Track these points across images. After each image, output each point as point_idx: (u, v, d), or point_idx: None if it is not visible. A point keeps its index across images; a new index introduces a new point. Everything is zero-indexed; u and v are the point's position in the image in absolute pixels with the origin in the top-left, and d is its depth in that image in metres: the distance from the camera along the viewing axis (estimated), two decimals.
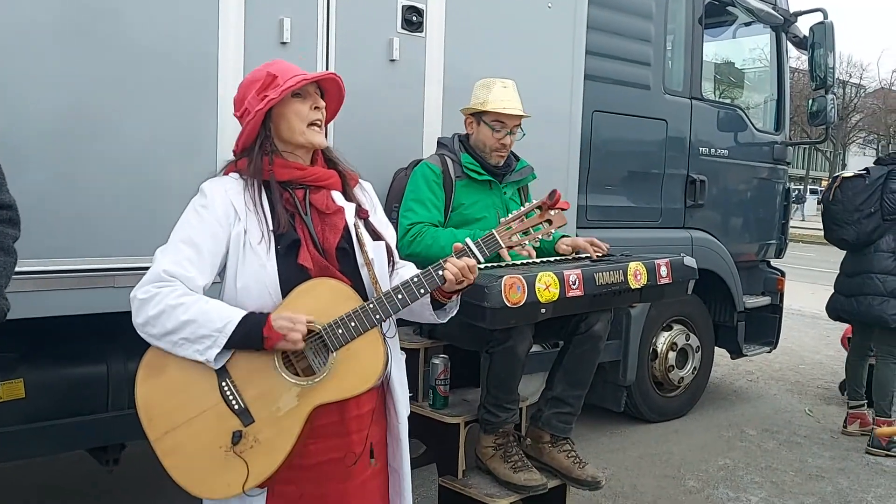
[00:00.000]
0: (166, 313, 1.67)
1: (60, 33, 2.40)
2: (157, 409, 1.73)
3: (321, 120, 1.87)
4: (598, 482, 2.81)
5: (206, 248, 1.75)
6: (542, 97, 3.57)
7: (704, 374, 5.24)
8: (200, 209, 1.79)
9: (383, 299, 1.76)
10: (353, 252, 1.86)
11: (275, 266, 1.76)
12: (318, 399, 1.72)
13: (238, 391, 1.72)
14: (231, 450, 1.70)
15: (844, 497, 3.89)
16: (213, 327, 1.67)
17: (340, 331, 1.72)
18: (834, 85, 5.27)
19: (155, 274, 1.72)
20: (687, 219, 4.94)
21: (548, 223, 1.84)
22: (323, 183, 1.88)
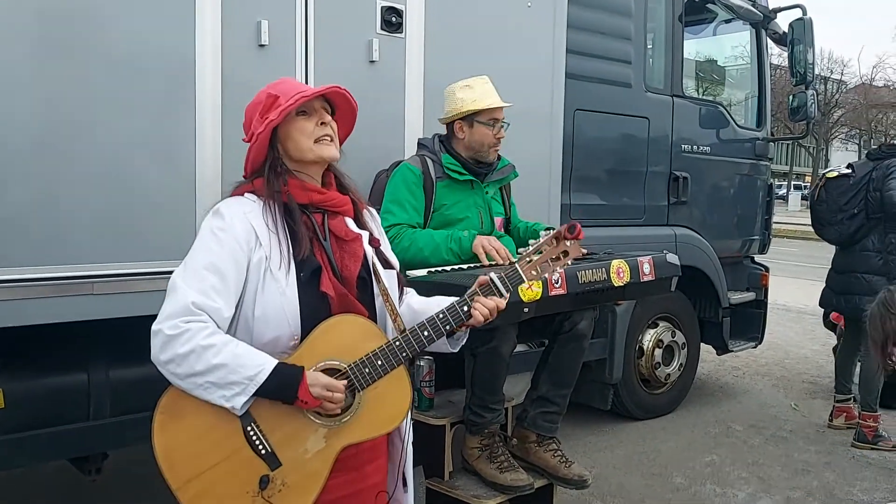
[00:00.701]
0: (196, 353, 1.59)
1: (34, 39, 2.37)
2: (179, 456, 1.66)
3: (330, 135, 1.80)
4: (584, 481, 2.80)
5: (231, 275, 1.67)
6: (523, 96, 3.55)
7: (691, 371, 5.26)
8: (219, 232, 1.69)
9: (409, 337, 1.72)
10: (370, 281, 1.82)
11: (296, 294, 1.70)
12: (347, 440, 1.70)
13: (264, 435, 1.66)
14: (259, 494, 1.66)
15: (830, 491, 3.91)
16: (244, 374, 1.60)
17: (367, 370, 1.68)
18: (814, 80, 5.32)
19: (183, 306, 1.61)
20: (670, 216, 4.96)
21: (564, 255, 1.84)
22: (340, 209, 1.84)
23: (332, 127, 1.82)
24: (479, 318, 1.78)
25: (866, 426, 4.57)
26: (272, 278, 1.69)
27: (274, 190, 1.75)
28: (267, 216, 1.73)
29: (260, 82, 2.75)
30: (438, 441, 2.84)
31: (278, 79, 1.89)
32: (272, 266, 1.69)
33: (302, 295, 1.70)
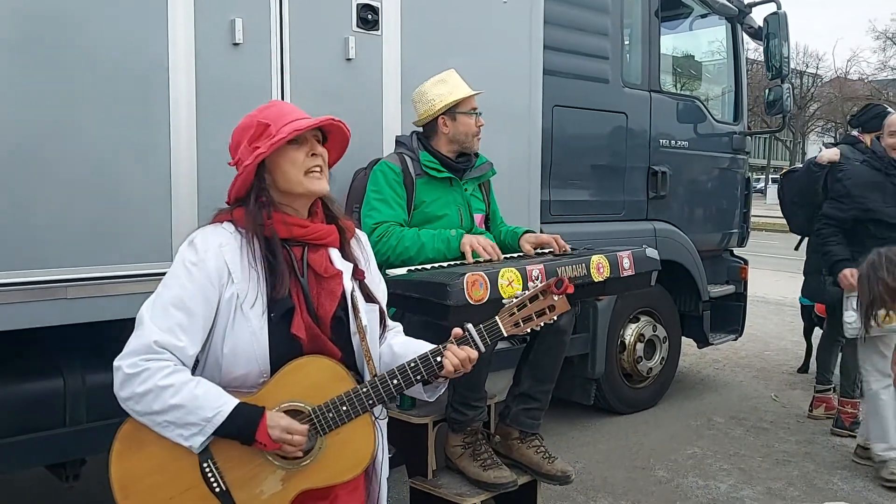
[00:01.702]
0: (153, 393, 1.58)
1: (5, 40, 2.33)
2: (135, 487, 1.65)
3: (320, 166, 1.74)
4: (568, 476, 2.80)
5: (199, 313, 1.64)
6: (501, 93, 3.55)
7: (672, 365, 5.29)
8: (192, 267, 1.66)
9: (378, 384, 1.69)
10: (347, 320, 1.76)
11: (265, 334, 1.66)
12: (304, 484, 1.68)
13: (220, 473, 1.64)
14: None
15: (811, 480, 3.95)
16: (201, 416, 1.59)
17: (331, 415, 1.66)
18: (789, 74, 5.35)
19: (145, 344, 1.60)
20: (650, 211, 4.97)
21: (550, 309, 1.79)
22: (324, 241, 1.78)
23: (324, 157, 1.76)
24: (449, 370, 1.72)
25: (845, 413, 4.62)
26: (242, 316, 1.66)
27: (256, 223, 1.69)
28: (246, 251, 1.68)
29: (234, 81, 2.77)
30: (421, 440, 2.83)
31: (270, 102, 1.83)
32: (244, 304, 1.65)
33: (272, 335, 1.67)
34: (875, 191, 4.03)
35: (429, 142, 3.01)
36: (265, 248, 1.68)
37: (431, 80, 2.99)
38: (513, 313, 1.77)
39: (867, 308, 3.03)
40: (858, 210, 4.05)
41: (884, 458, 3.91)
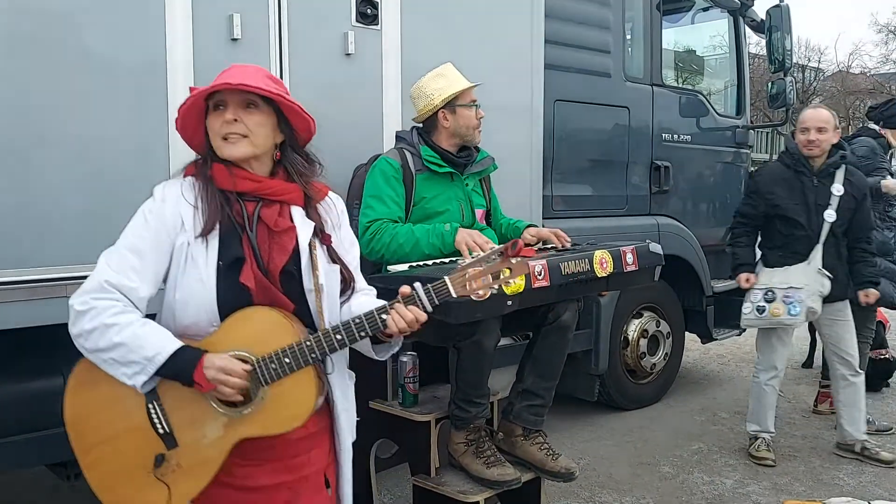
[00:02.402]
0: (99, 331, 1.63)
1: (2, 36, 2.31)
2: (85, 424, 1.71)
3: (236, 133, 1.72)
4: (571, 473, 2.78)
5: (151, 257, 1.70)
6: (502, 87, 3.53)
7: (676, 360, 5.27)
8: (149, 214, 1.73)
9: (321, 338, 1.68)
10: (299, 276, 1.77)
11: (214, 282, 1.69)
12: (244, 433, 1.68)
13: (164, 414, 1.68)
14: (153, 472, 1.68)
15: (817, 476, 3.93)
16: (143, 355, 1.62)
17: (274, 366, 1.66)
18: (792, 67, 5.32)
19: (97, 284, 1.66)
20: (653, 205, 4.95)
21: (508, 271, 1.69)
22: (279, 197, 1.78)
23: (247, 124, 1.73)
24: (393, 329, 1.69)
25: None
26: (193, 264, 1.70)
27: (204, 175, 1.76)
28: (200, 201, 1.73)
29: None
30: (423, 437, 2.81)
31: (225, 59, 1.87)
32: (193, 251, 1.70)
33: (220, 283, 1.70)
34: (783, 188, 3.97)
35: (429, 137, 2.99)
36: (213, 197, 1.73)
37: (429, 74, 2.97)
38: (465, 274, 1.70)
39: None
40: (767, 206, 4.01)
41: (755, 435, 4.16)
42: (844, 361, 4.09)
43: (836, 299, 3.98)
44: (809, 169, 3.92)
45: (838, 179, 3.92)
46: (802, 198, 3.92)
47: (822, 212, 3.89)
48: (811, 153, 3.90)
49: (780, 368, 4.09)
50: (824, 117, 3.89)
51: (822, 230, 3.89)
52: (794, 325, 3.95)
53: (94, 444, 1.70)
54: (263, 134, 1.76)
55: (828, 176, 3.93)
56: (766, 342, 4.12)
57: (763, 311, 3.94)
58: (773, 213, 4.00)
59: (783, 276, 3.93)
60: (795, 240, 3.93)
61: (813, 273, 3.89)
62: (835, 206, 3.89)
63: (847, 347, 4.08)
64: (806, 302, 3.86)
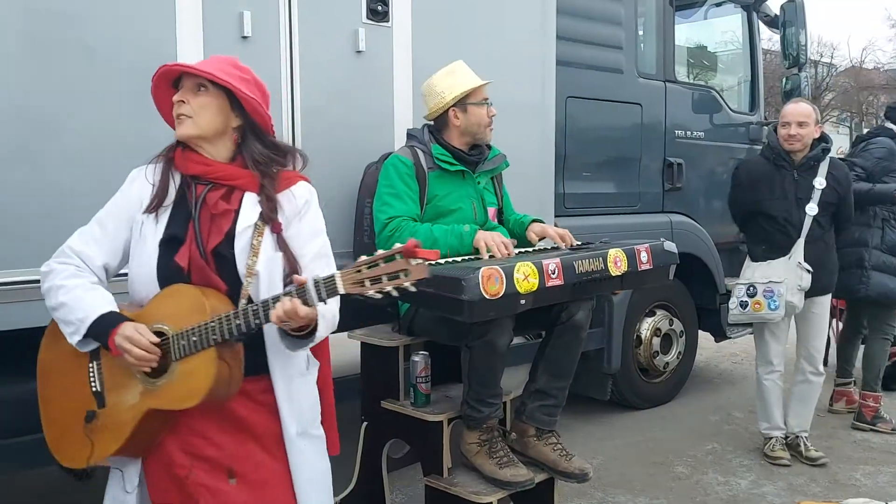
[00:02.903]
0: (52, 291, 1.80)
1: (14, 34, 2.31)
2: (48, 377, 1.91)
3: (182, 113, 1.82)
4: (585, 474, 2.75)
5: (110, 227, 1.85)
6: (513, 84, 3.50)
7: (689, 359, 5.22)
8: (119, 193, 1.90)
9: (223, 321, 1.70)
10: (233, 259, 1.80)
11: (155, 259, 1.80)
12: (152, 403, 1.77)
13: (101, 375, 1.82)
14: (84, 427, 1.82)
15: (833, 476, 3.88)
16: (76, 316, 1.76)
17: (183, 343, 1.72)
18: (807, 63, 5.26)
19: (61, 249, 1.86)
20: (666, 203, 4.91)
21: (404, 273, 1.61)
22: (229, 182, 1.84)
23: (192, 105, 1.81)
24: (273, 320, 1.68)
25: (866, 406, 4.56)
26: (143, 241, 1.82)
27: (164, 155, 1.90)
28: (154, 173, 1.87)
29: None
30: (436, 437, 2.78)
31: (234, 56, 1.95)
32: (144, 229, 1.83)
33: (160, 261, 1.80)
34: (764, 182, 3.93)
35: (440, 135, 2.96)
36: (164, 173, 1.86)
37: (440, 72, 2.94)
38: (359, 271, 1.63)
39: None
40: (749, 201, 3.99)
41: (768, 435, 4.13)
42: (810, 357, 4.08)
43: (817, 293, 3.96)
44: (790, 163, 3.90)
45: (820, 173, 3.90)
46: (783, 192, 3.89)
47: (803, 205, 3.87)
48: (792, 147, 3.87)
49: (776, 363, 4.07)
50: (805, 111, 3.87)
51: (804, 224, 3.87)
52: (774, 319, 3.92)
53: (52, 397, 1.89)
54: (208, 115, 1.82)
55: (809, 169, 3.90)
56: (760, 337, 4.13)
57: (746, 307, 3.93)
58: (755, 210, 3.98)
59: (765, 270, 3.91)
60: (777, 235, 3.91)
61: (793, 267, 3.86)
62: (816, 199, 3.86)
63: (816, 344, 4.08)
64: (785, 296, 3.83)
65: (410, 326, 2.95)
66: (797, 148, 3.87)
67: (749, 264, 4.03)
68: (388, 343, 2.95)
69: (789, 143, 3.86)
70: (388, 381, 2.95)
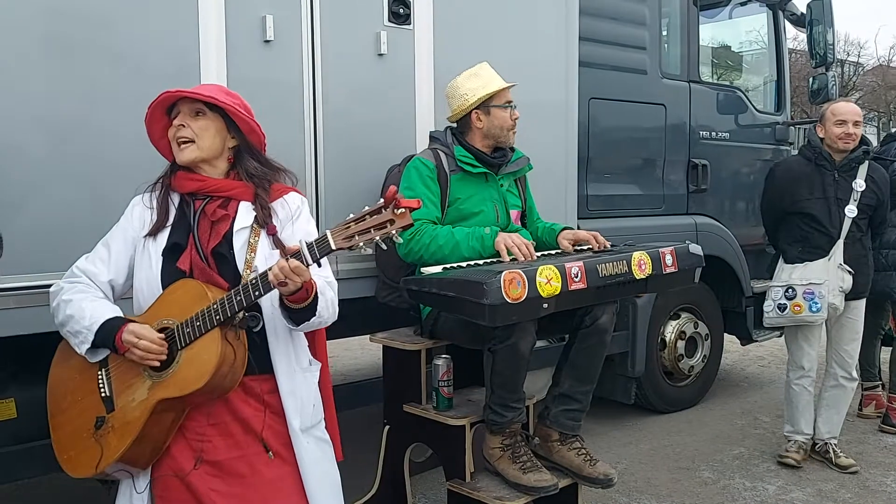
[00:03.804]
0: (60, 307, 1.89)
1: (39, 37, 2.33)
2: (58, 389, 1.94)
3: (185, 137, 1.90)
4: (610, 479, 2.72)
5: (115, 247, 1.95)
6: (536, 86, 3.49)
7: (714, 362, 5.15)
8: (122, 218, 2.00)
9: (224, 300, 1.78)
10: (233, 258, 1.90)
11: (159, 268, 1.89)
12: (162, 394, 1.80)
13: (109, 380, 1.88)
14: (94, 434, 1.85)
15: (864, 482, 3.80)
16: (83, 325, 1.84)
17: (188, 330, 1.80)
18: (834, 62, 5.18)
19: (70, 270, 1.96)
20: (690, 204, 4.86)
21: (390, 223, 1.69)
22: (224, 193, 1.93)
23: (193, 129, 1.90)
24: (272, 280, 1.74)
25: (893, 409, 4.48)
26: (146, 254, 1.92)
27: (161, 180, 1.99)
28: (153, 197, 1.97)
29: (266, 78, 2.75)
30: (458, 442, 2.77)
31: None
32: (147, 243, 1.92)
33: (164, 268, 1.89)
34: (804, 182, 3.85)
35: (463, 137, 2.95)
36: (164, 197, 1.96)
37: (464, 73, 2.93)
38: (348, 227, 1.71)
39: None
40: (787, 202, 3.90)
41: (788, 437, 4.09)
42: (843, 362, 3.99)
43: (854, 297, 3.88)
44: (831, 163, 3.82)
45: (860, 175, 3.83)
46: (823, 192, 3.82)
47: (843, 206, 3.80)
48: (847, 146, 3.79)
49: (807, 368, 3.99)
50: (859, 111, 3.83)
51: (843, 226, 3.80)
52: (817, 321, 3.84)
53: (61, 409, 1.92)
54: (209, 137, 1.92)
55: (849, 171, 3.83)
56: (793, 341, 4.03)
57: (784, 309, 3.85)
58: (793, 210, 3.90)
59: (802, 271, 3.83)
60: (816, 235, 3.83)
61: (833, 269, 3.79)
62: (856, 201, 3.80)
63: (849, 348, 3.98)
64: (827, 298, 3.76)
65: (433, 330, 2.94)
66: (851, 147, 3.80)
67: (784, 266, 3.94)
68: (410, 346, 2.94)
69: (846, 141, 3.78)
70: (410, 385, 2.94)
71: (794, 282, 3.83)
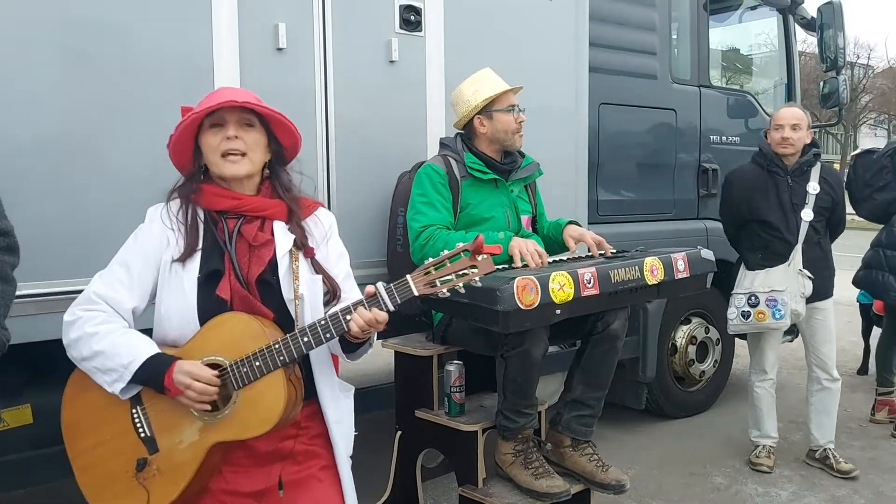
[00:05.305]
0: (83, 340, 1.71)
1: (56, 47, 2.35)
2: (78, 428, 1.79)
3: (238, 150, 1.78)
4: (622, 485, 2.72)
5: (136, 269, 1.78)
6: (546, 92, 3.49)
7: (726, 367, 5.14)
8: (139, 232, 1.83)
9: (289, 341, 1.70)
10: (278, 285, 1.80)
11: (194, 295, 1.75)
12: (218, 437, 1.71)
13: (147, 419, 1.75)
14: (136, 477, 1.74)
15: (877, 488, 3.78)
16: (119, 362, 1.69)
17: (245, 370, 1.69)
18: (845, 66, 5.16)
19: (85, 296, 1.76)
20: (701, 209, 4.85)
21: (473, 269, 1.70)
22: (260, 213, 1.83)
23: (247, 142, 1.79)
24: (355, 331, 1.70)
25: None
26: (176, 278, 1.76)
27: (185, 195, 1.83)
28: (182, 219, 1.80)
29: (279, 86, 2.76)
30: (470, 447, 2.77)
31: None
32: (176, 266, 1.76)
33: (200, 295, 1.75)
34: (758, 190, 3.84)
35: (471, 143, 2.96)
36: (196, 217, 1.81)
37: (467, 80, 2.94)
38: (428, 272, 1.71)
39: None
40: (744, 210, 3.89)
41: (756, 443, 4.11)
42: (822, 364, 3.98)
43: (818, 299, 3.86)
44: (783, 168, 3.82)
45: (813, 178, 3.82)
46: (777, 199, 3.81)
47: (798, 211, 3.79)
48: (785, 151, 3.79)
49: (769, 372, 4.01)
50: (798, 115, 3.80)
51: (800, 230, 3.79)
52: (781, 328, 3.85)
53: (85, 449, 1.78)
54: (260, 151, 1.83)
55: (802, 175, 3.83)
56: (755, 346, 4.06)
57: (748, 317, 3.84)
58: (751, 217, 3.88)
59: (764, 278, 3.82)
60: (774, 241, 3.82)
61: (794, 274, 3.77)
62: (811, 204, 3.79)
63: (825, 350, 3.97)
64: (789, 304, 3.75)
65: (444, 335, 2.95)
66: (789, 152, 3.79)
67: (746, 273, 3.92)
68: (422, 352, 2.94)
69: (782, 146, 3.78)
70: (422, 391, 2.95)
71: (757, 289, 3.82)
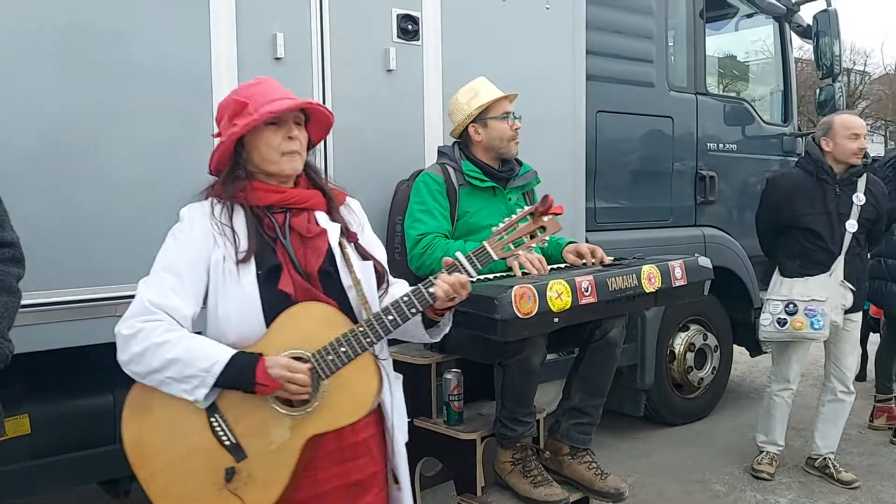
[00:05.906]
0: (151, 351, 1.63)
1: (55, 56, 2.37)
2: (147, 449, 1.69)
3: (297, 150, 1.78)
4: (621, 494, 2.72)
5: (187, 274, 1.71)
6: (543, 100, 3.50)
7: (724, 374, 5.14)
8: (179, 234, 1.76)
9: (373, 321, 1.69)
10: (337, 274, 1.80)
11: (256, 292, 1.71)
12: (312, 430, 1.67)
13: (228, 426, 1.67)
14: (225, 487, 1.65)
15: (876, 495, 3.78)
16: (199, 367, 1.62)
17: (331, 357, 1.66)
18: (841, 73, 5.19)
19: (139, 307, 1.67)
20: (698, 216, 4.86)
21: (542, 230, 1.77)
22: (304, 205, 1.82)
23: (301, 140, 1.81)
24: (439, 294, 1.72)
25: None
26: (232, 278, 1.71)
27: (230, 194, 1.77)
28: (223, 217, 1.74)
29: None
30: (469, 456, 2.77)
31: (255, 78, 1.88)
32: (230, 266, 1.71)
33: (263, 293, 1.71)
34: (804, 197, 3.76)
35: (468, 151, 2.97)
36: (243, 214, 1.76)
37: (462, 88, 2.95)
38: (502, 237, 1.76)
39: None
40: (787, 216, 3.82)
41: (761, 448, 4.09)
42: (842, 375, 3.93)
43: (851, 311, 3.84)
44: (832, 177, 3.75)
45: (860, 188, 3.77)
46: (824, 207, 3.74)
47: (843, 221, 3.73)
48: (858, 161, 3.73)
49: (792, 382, 3.96)
50: (864, 123, 3.77)
51: (843, 241, 3.73)
52: (818, 339, 3.76)
53: (159, 470, 1.68)
54: (305, 147, 1.84)
55: (850, 185, 3.77)
56: (782, 355, 3.98)
57: (784, 324, 3.76)
58: (792, 223, 3.82)
59: (803, 287, 3.74)
60: (816, 250, 3.75)
61: (835, 285, 3.72)
62: (856, 215, 3.73)
63: (847, 362, 3.92)
64: (829, 315, 3.69)
65: (443, 344, 2.92)
66: (861, 162, 3.74)
67: (782, 280, 3.85)
68: (420, 360, 2.94)
69: (857, 156, 3.71)
70: (420, 399, 2.94)
71: (796, 297, 3.74)
